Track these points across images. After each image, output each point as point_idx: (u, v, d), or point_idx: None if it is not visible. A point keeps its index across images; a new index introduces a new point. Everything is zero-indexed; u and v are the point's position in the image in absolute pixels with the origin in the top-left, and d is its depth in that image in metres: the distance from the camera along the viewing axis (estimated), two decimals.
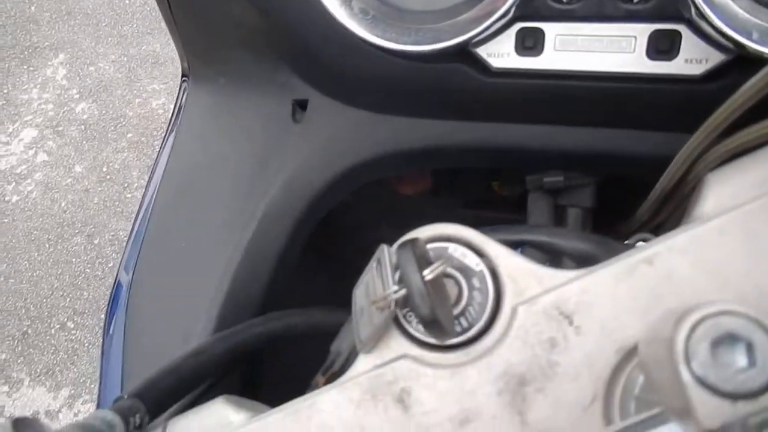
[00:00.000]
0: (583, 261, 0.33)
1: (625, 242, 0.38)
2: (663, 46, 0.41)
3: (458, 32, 0.44)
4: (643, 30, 0.42)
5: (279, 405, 0.31)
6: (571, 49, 0.43)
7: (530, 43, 0.44)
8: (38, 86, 2.69)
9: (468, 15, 0.44)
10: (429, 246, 0.30)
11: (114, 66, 2.74)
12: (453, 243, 0.30)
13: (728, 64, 0.40)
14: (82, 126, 2.49)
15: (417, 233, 0.30)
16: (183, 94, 0.61)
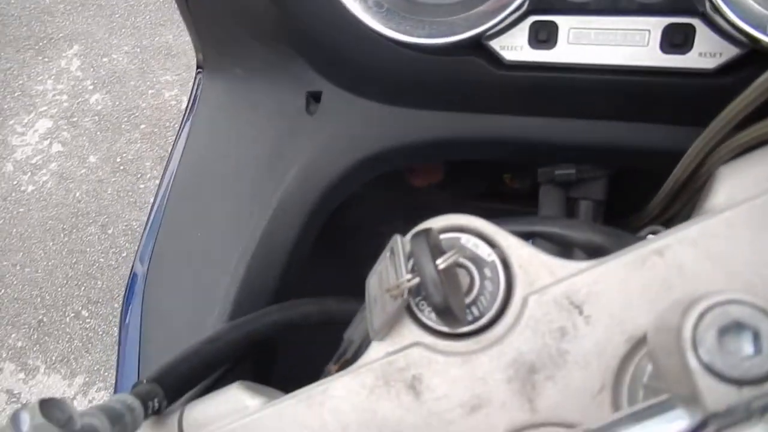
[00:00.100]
0: (594, 252, 0.33)
1: (637, 235, 0.38)
2: (677, 40, 0.41)
3: (472, 25, 0.44)
4: (657, 23, 0.41)
5: (293, 391, 0.32)
6: (585, 43, 0.43)
7: (543, 37, 0.44)
8: (53, 77, 2.71)
9: (482, 8, 0.44)
10: (442, 236, 0.30)
11: (127, 57, 2.75)
12: (465, 234, 0.30)
13: (742, 58, 0.40)
14: (96, 117, 2.50)
15: (430, 223, 0.30)
16: (197, 86, 0.61)
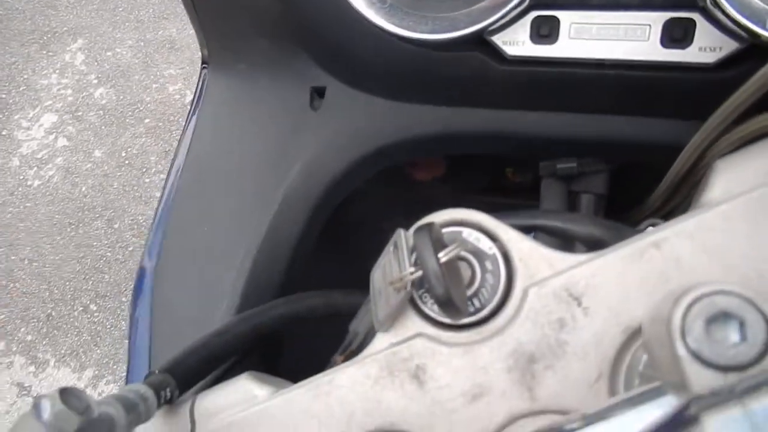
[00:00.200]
0: (595, 246, 0.34)
1: (636, 228, 0.39)
2: (677, 35, 0.42)
3: (474, 21, 0.44)
4: (658, 18, 0.42)
5: (300, 381, 0.33)
6: (586, 38, 0.44)
7: (545, 32, 0.44)
8: (57, 71, 2.71)
9: (484, 3, 0.44)
10: (444, 230, 0.31)
11: (131, 51, 2.76)
12: (467, 227, 0.31)
13: (742, 53, 0.40)
14: (101, 111, 2.51)
15: (432, 218, 0.31)
16: (202, 82, 0.62)
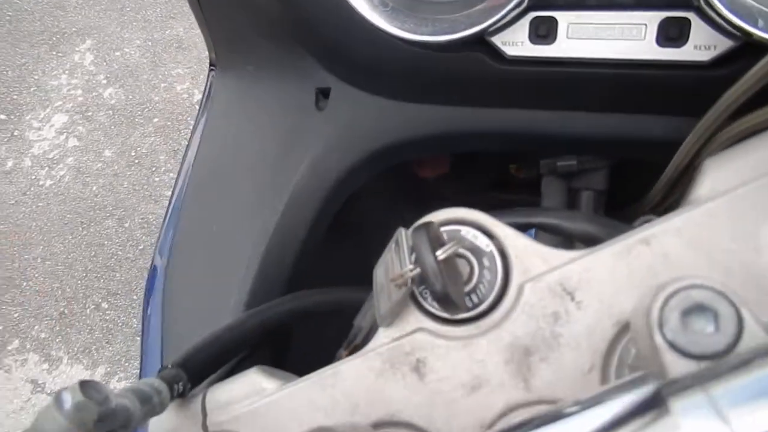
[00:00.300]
0: (590, 242, 0.35)
1: (632, 224, 0.40)
2: (673, 34, 0.42)
3: (474, 22, 0.45)
4: (654, 18, 0.43)
5: (307, 375, 0.34)
6: (583, 37, 0.45)
7: (543, 32, 0.45)
8: (67, 72, 2.74)
9: (483, 5, 0.45)
10: (444, 228, 0.32)
11: (139, 51, 2.78)
12: (465, 226, 0.32)
13: (736, 51, 0.41)
14: (110, 111, 2.53)
15: (431, 217, 0.32)
16: (210, 84, 0.63)
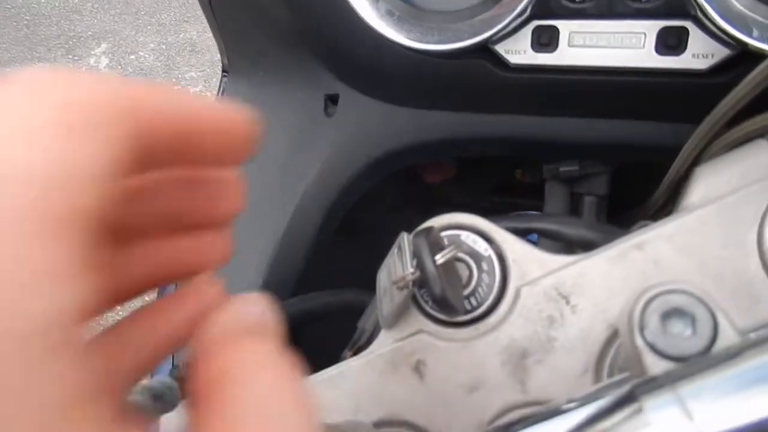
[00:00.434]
0: (589, 247, 0.36)
1: (630, 229, 0.41)
2: (671, 42, 0.43)
3: (477, 32, 0.46)
4: (652, 27, 0.43)
5: (313, 374, 0.35)
6: (584, 46, 0.46)
7: (545, 40, 0.46)
8: None
9: (486, 15, 0.46)
10: (444, 233, 0.33)
11: (153, 54, 2.81)
12: (465, 230, 0.33)
13: (733, 59, 0.42)
14: None
15: (432, 222, 0.33)
16: (223, 89, 0.65)
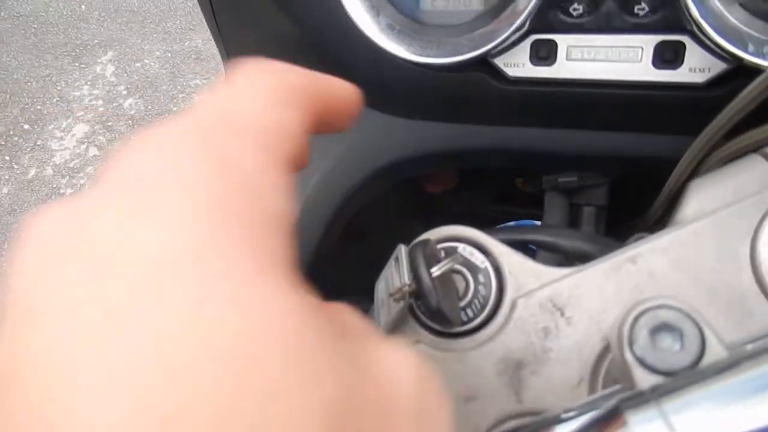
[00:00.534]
0: (586, 259, 0.36)
1: (626, 241, 0.41)
2: (668, 56, 0.44)
3: (477, 45, 0.47)
4: (649, 41, 0.44)
5: None
6: (582, 59, 0.46)
7: (544, 54, 0.47)
8: (89, 83, 2.80)
9: (486, 29, 0.47)
10: (441, 245, 0.34)
11: (159, 62, 2.83)
12: (462, 243, 0.34)
13: (730, 73, 0.42)
14: (130, 121, 2.58)
15: (429, 234, 0.34)
16: None
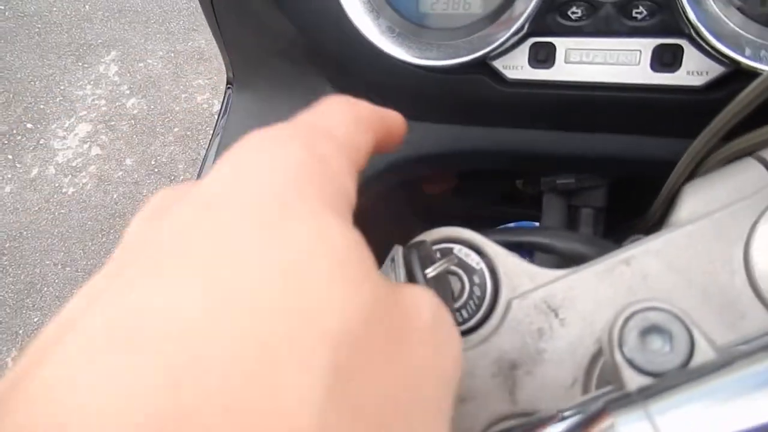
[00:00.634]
0: (582, 261, 0.37)
1: (623, 243, 0.41)
2: (666, 60, 0.44)
3: (476, 48, 0.47)
4: (647, 44, 0.44)
5: None
6: (581, 62, 0.46)
7: (542, 57, 0.47)
8: (92, 82, 2.80)
9: (485, 32, 0.47)
10: (437, 246, 0.34)
11: (162, 62, 2.84)
12: (458, 244, 0.34)
13: (727, 76, 0.43)
14: (132, 121, 2.59)
15: (425, 236, 0.34)
16: (227, 101, 0.66)
